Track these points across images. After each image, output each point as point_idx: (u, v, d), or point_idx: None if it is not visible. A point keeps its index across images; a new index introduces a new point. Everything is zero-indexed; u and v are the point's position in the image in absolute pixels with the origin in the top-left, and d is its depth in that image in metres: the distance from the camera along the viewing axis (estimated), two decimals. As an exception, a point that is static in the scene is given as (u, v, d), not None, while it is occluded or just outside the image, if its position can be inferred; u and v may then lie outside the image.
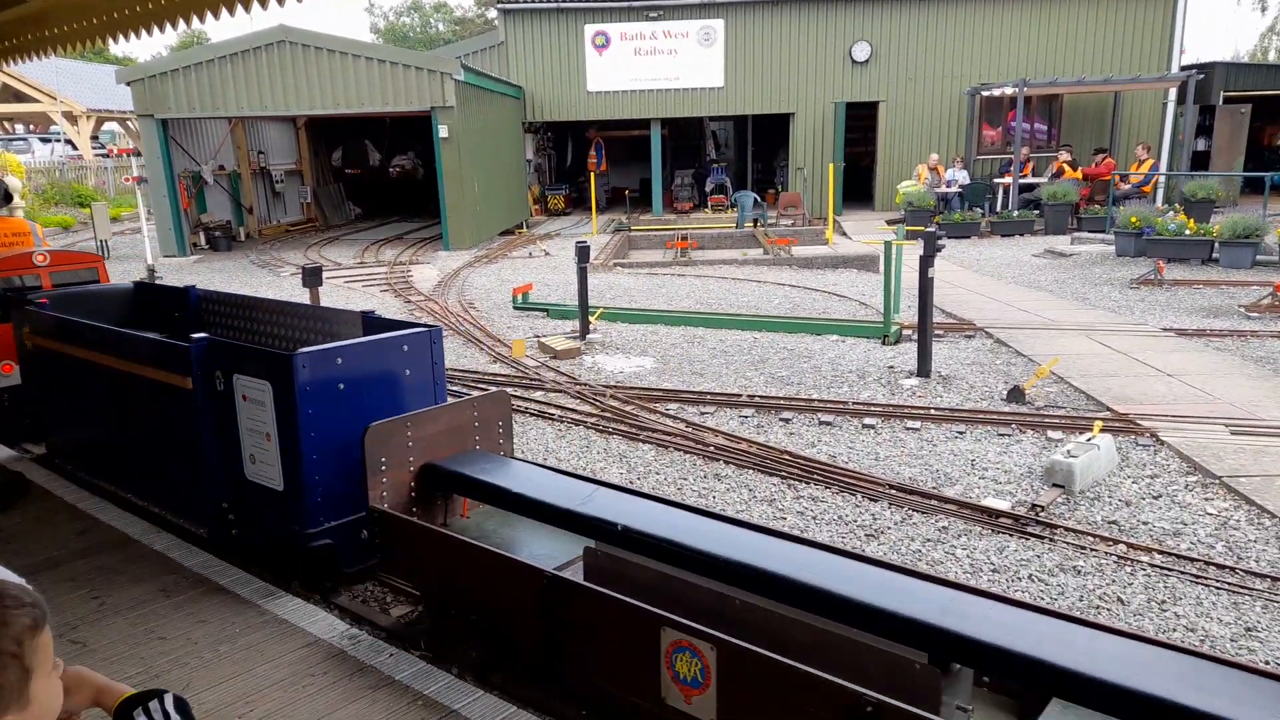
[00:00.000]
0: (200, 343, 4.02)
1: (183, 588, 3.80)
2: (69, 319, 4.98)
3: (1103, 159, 18.13)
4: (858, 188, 22.46)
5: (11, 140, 30.45)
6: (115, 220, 21.49)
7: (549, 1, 21.13)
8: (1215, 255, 12.87)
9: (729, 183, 22.99)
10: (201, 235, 18.45)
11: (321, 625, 3.48)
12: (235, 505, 4.12)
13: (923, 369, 7.77)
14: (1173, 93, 20.03)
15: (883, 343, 9.02)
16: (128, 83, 17.13)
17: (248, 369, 3.84)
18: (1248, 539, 4.69)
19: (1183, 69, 20.05)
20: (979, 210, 18.16)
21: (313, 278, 8.30)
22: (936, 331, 8.50)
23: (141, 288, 6.15)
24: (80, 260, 6.39)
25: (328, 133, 24.57)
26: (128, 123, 26.10)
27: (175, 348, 4.16)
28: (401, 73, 16.63)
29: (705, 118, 24.61)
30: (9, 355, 5.69)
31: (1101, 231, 15.79)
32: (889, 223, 18.51)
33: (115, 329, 4.73)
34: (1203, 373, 7.54)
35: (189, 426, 4.12)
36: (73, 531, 4.42)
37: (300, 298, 8.05)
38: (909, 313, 9.25)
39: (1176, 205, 15.07)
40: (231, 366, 3.91)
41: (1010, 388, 7.16)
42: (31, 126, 34.83)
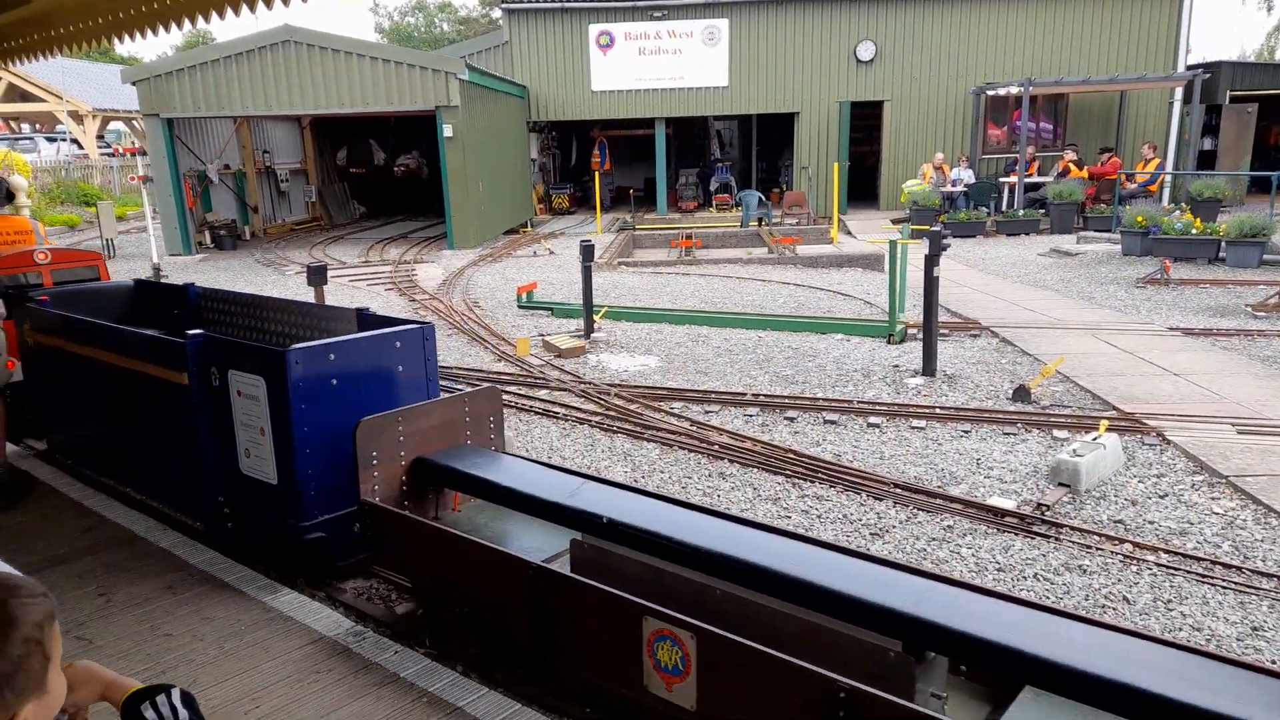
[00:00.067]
0: (195, 339, 4.03)
1: (188, 584, 3.81)
2: (69, 316, 4.99)
3: (1108, 158, 18.08)
4: (862, 187, 22.44)
5: (18, 140, 30.55)
6: (121, 219, 21.55)
7: (553, 1, 21.14)
8: (1222, 254, 12.85)
9: (734, 182, 22.96)
10: (207, 234, 18.48)
11: (326, 622, 3.49)
12: (231, 499, 4.14)
13: (928, 368, 7.76)
14: (1179, 92, 19.97)
15: (888, 342, 9.01)
16: (133, 82, 17.19)
17: (242, 365, 3.86)
18: (1254, 538, 4.67)
19: (1189, 68, 20.01)
20: (984, 209, 18.11)
21: (318, 276, 8.31)
22: (942, 330, 8.48)
23: (142, 285, 6.17)
24: (81, 258, 6.41)
25: (332, 132, 24.60)
26: (133, 122, 26.12)
27: (171, 344, 4.17)
28: (406, 72, 16.65)
29: (710, 117, 24.60)
30: (13, 352, 5.71)
31: (1107, 231, 15.75)
32: (894, 222, 18.49)
33: (113, 326, 4.74)
34: (1209, 372, 7.51)
35: (185, 422, 4.14)
36: (79, 529, 4.43)
37: (305, 296, 8.06)
38: (914, 312, 9.23)
39: (1183, 204, 15.01)
40: (226, 362, 3.93)
41: (1016, 387, 7.14)
42: (38, 126, 34.98)
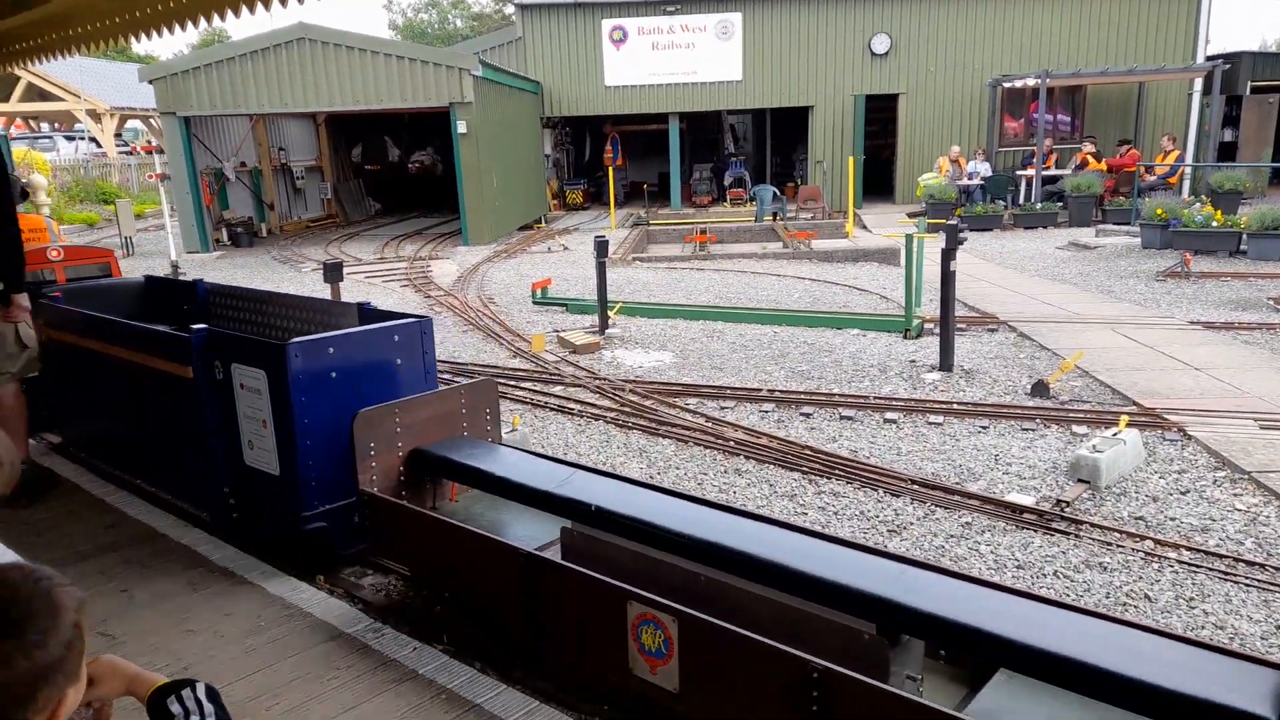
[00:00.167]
0: (200, 333, 4.10)
1: (209, 581, 3.84)
2: (81, 311, 5.08)
3: (1127, 150, 17.91)
4: (878, 181, 22.32)
5: (37, 139, 30.86)
6: (139, 217, 21.74)
7: (567, -4, 21.13)
8: (1243, 247, 12.69)
9: (748, 176, 22.88)
10: (224, 231, 18.60)
11: (345, 618, 3.51)
12: (236, 491, 4.22)
13: (945, 363, 7.71)
14: (1198, 83, 19.73)
15: (904, 337, 8.96)
16: (150, 81, 17.29)
17: (245, 358, 3.93)
18: (1278, 535, 4.62)
19: (1208, 59, 19.77)
20: (1001, 203, 17.95)
21: (334, 273, 8.35)
22: (959, 325, 8.42)
23: (152, 282, 6.25)
24: (93, 255, 6.53)
25: (347, 129, 24.69)
26: (150, 120, 26.34)
27: (177, 338, 4.25)
28: (420, 69, 16.67)
29: (723, 111, 24.52)
30: None
31: (1126, 224, 15.60)
32: (910, 216, 18.36)
33: (123, 321, 4.83)
34: (1231, 366, 7.43)
35: (191, 415, 4.23)
36: (101, 525, 4.48)
37: (321, 293, 8.10)
38: (930, 306, 9.18)
39: (1203, 197, 14.86)
40: (230, 356, 4.00)
41: (1034, 382, 7.09)
42: (57, 125, 35.32)
